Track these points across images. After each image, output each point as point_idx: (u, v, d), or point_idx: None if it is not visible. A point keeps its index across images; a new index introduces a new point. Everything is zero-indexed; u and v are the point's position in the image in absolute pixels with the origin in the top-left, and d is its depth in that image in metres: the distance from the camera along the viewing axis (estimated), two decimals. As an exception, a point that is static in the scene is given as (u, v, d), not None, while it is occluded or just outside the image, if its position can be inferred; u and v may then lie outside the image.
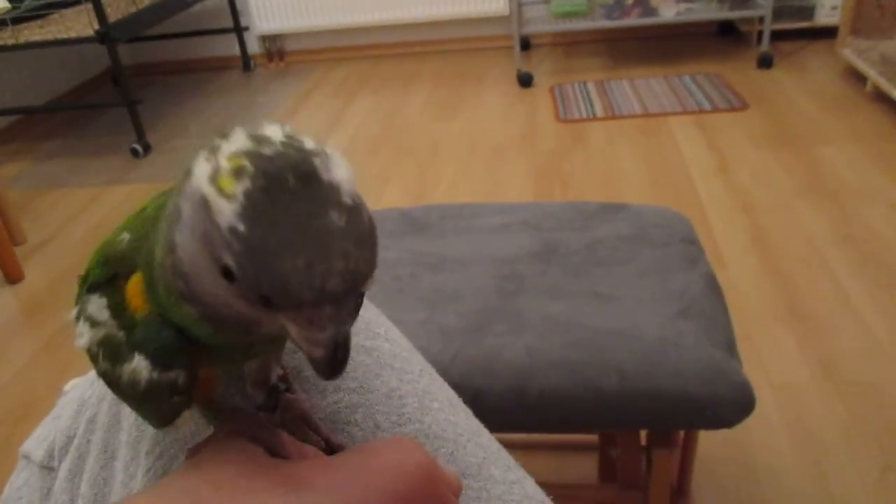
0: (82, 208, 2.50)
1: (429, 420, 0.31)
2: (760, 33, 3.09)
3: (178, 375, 0.26)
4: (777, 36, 3.13)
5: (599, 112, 2.76)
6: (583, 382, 0.81)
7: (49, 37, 2.73)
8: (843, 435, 1.30)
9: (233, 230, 0.23)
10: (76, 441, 0.34)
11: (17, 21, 2.81)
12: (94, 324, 0.28)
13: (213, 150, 0.25)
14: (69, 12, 2.99)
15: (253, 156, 0.24)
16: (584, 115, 2.74)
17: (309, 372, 0.32)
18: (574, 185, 2.27)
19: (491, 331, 0.88)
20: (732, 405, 0.81)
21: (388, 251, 1.06)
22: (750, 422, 1.33)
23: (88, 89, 3.78)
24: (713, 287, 0.95)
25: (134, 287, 0.27)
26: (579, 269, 0.98)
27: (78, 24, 2.79)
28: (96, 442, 0.33)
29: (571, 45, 3.64)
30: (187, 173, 0.25)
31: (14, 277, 2.06)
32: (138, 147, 2.82)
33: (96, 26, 2.63)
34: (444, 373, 0.83)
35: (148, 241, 0.27)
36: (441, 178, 2.39)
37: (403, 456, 0.25)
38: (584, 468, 1.20)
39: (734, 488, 1.22)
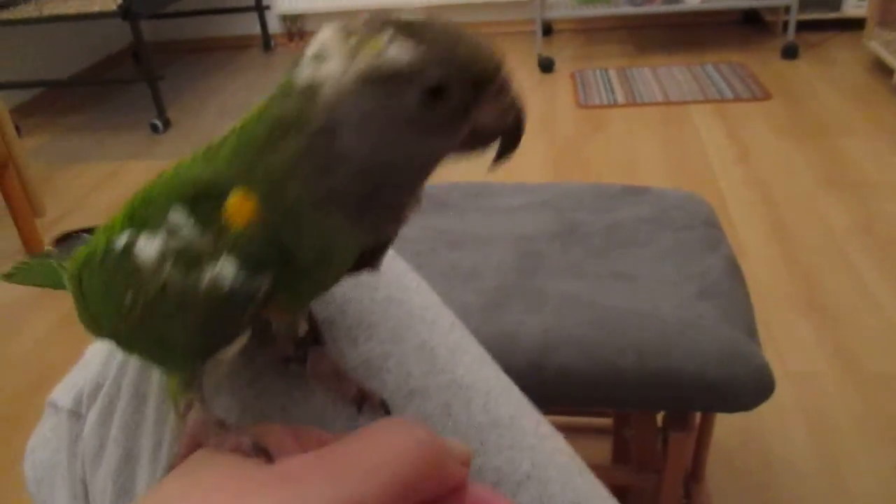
0: (102, 182, 2.52)
1: (461, 371, 0.31)
2: (786, 23, 3.05)
3: (262, 284, 0.26)
4: (802, 26, 3.09)
5: (620, 99, 2.74)
6: (601, 361, 0.81)
7: (72, 11, 2.74)
8: (858, 425, 1.29)
9: (417, 59, 0.24)
10: (106, 386, 0.35)
11: (41, -6, 2.83)
12: (171, 233, 0.27)
13: (316, 59, 0.26)
14: (93, -13, 3.00)
15: (362, 27, 0.26)
16: (605, 102, 2.73)
17: (342, 322, 0.32)
18: (593, 171, 2.25)
19: (509, 309, 0.88)
20: (751, 388, 0.81)
21: (407, 228, 1.06)
22: (765, 410, 1.33)
23: (110, 65, 3.79)
24: (734, 270, 0.94)
25: (237, 204, 0.26)
26: (599, 250, 0.97)
27: (101, -2, 2.80)
28: (127, 385, 0.34)
29: (593, 31, 3.61)
30: (306, 93, 0.25)
31: (34, 249, 2.08)
32: (158, 123, 2.84)
33: (119, 1, 2.63)
34: (463, 347, 0.83)
35: (261, 160, 0.27)
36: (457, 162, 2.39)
37: (403, 436, 0.24)
38: (598, 450, 1.20)
39: (748, 475, 1.22)
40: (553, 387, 0.82)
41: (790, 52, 3.01)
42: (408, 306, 0.34)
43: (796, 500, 1.17)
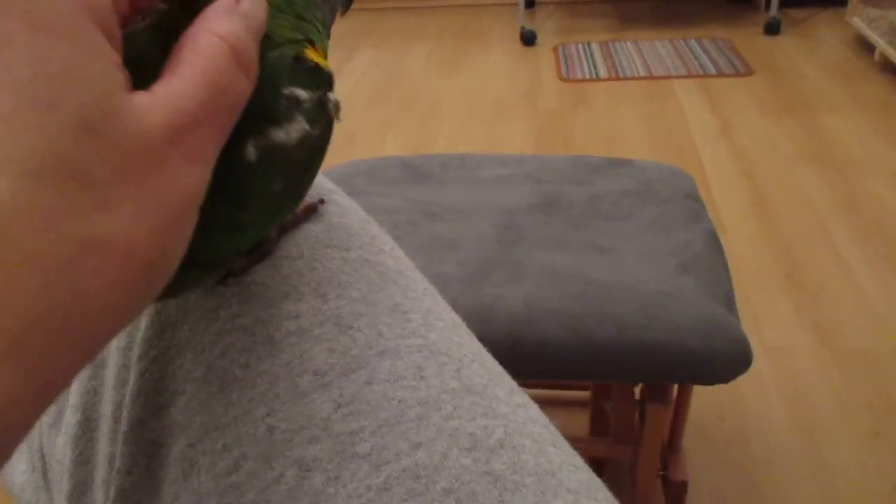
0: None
1: (433, 336, 0.30)
2: (769, -1, 3.04)
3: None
4: (786, 2, 3.08)
5: (603, 73, 2.72)
6: (581, 333, 0.80)
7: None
8: (835, 400, 1.30)
9: None
10: None
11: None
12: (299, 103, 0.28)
13: None
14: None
15: None
16: (588, 76, 2.71)
17: (310, 277, 0.31)
18: (575, 144, 2.24)
19: (489, 280, 0.87)
20: (729, 360, 0.81)
21: (387, 198, 1.04)
22: (743, 383, 1.34)
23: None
24: (714, 243, 0.94)
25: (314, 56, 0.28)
26: (580, 222, 0.96)
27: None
28: None
29: (577, 4, 3.58)
30: None
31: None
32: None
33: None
34: (441, 319, 0.82)
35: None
36: (441, 134, 2.37)
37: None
38: (576, 423, 1.20)
39: (725, 448, 1.22)
40: (532, 358, 0.82)
41: (773, 28, 3.01)
42: (381, 268, 0.33)
43: (772, 472, 1.18)
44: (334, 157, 2.21)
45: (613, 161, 1.11)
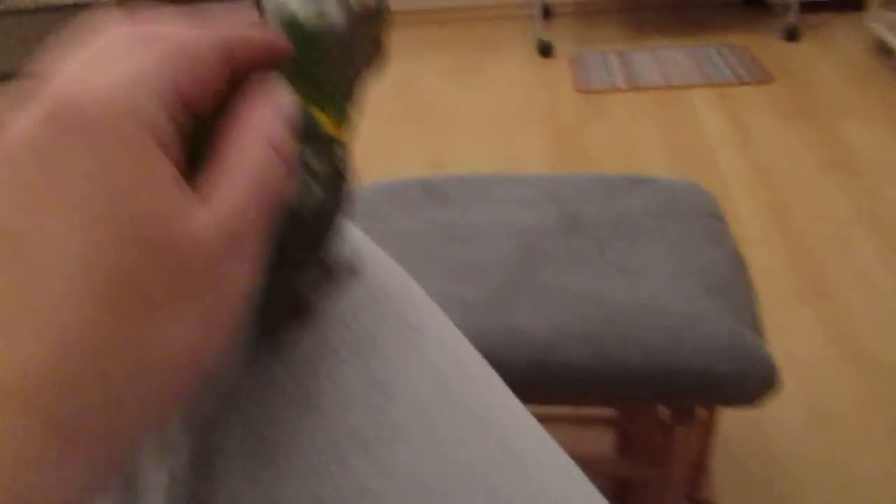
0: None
1: (475, 402, 0.30)
2: (787, 4, 3.02)
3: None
4: (803, 7, 3.06)
5: (621, 83, 2.72)
6: (606, 358, 0.80)
7: (69, 1, 2.71)
8: (861, 413, 1.29)
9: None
10: None
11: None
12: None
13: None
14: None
15: None
16: (605, 86, 2.71)
17: (346, 336, 0.32)
18: (594, 156, 2.24)
19: (514, 304, 0.87)
20: (756, 383, 0.80)
21: (408, 221, 1.05)
22: (769, 399, 1.32)
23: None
24: (738, 263, 0.94)
25: (324, 121, 0.30)
26: (603, 243, 0.96)
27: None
28: None
29: (593, 14, 3.58)
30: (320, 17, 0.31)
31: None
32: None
33: (114, -12, 2.61)
34: (467, 345, 0.83)
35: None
36: (459, 147, 2.37)
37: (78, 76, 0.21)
38: (603, 442, 1.20)
39: (753, 466, 1.22)
40: (558, 382, 0.82)
41: (791, 34, 2.99)
42: (420, 331, 0.33)
43: (799, 488, 1.18)
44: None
45: (634, 179, 1.11)
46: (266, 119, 0.24)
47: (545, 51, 3.08)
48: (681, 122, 2.41)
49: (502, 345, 0.84)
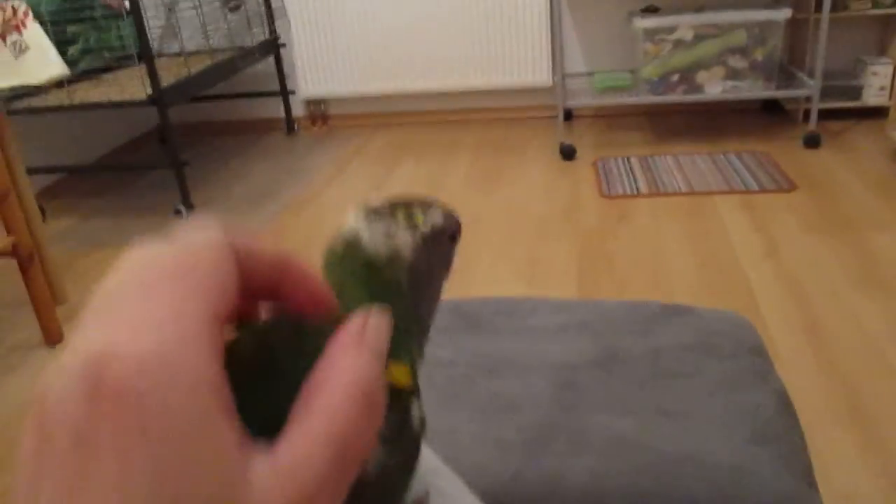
0: (124, 269, 2.51)
1: None
2: (807, 111, 3.06)
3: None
4: (824, 115, 3.10)
5: (644, 188, 2.73)
6: (651, 513, 0.76)
7: (103, 99, 2.80)
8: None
9: (446, 217, 0.36)
10: None
11: (72, 81, 2.89)
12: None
13: (387, 236, 0.33)
14: (123, 73, 3.07)
15: (396, 209, 0.34)
16: (628, 192, 2.72)
17: None
18: (619, 266, 2.22)
19: (551, 448, 0.83)
20: (813, 545, 0.75)
21: (441, 349, 1.03)
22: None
23: (137, 146, 3.86)
24: (787, 406, 0.90)
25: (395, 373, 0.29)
26: (643, 380, 0.93)
27: (131, 85, 2.85)
28: None
29: (614, 117, 3.65)
30: (391, 262, 0.32)
31: (53, 339, 2.06)
32: (182, 208, 2.85)
33: (149, 90, 2.69)
34: (505, 495, 0.79)
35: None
36: (482, 254, 2.37)
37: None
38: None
39: None
40: (599, 537, 0.77)
41: (813, 142, 3.01)
42: None
43: None
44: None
45: (671, 308, 1.08)
46: (356, 363, 0.22)
47: (567, 154, 3.12)
48: (705, 229, 2.40)
49: (539, 492, 0.80)
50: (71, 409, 0.18)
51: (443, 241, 0.34)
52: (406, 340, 0.28)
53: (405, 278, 0.31)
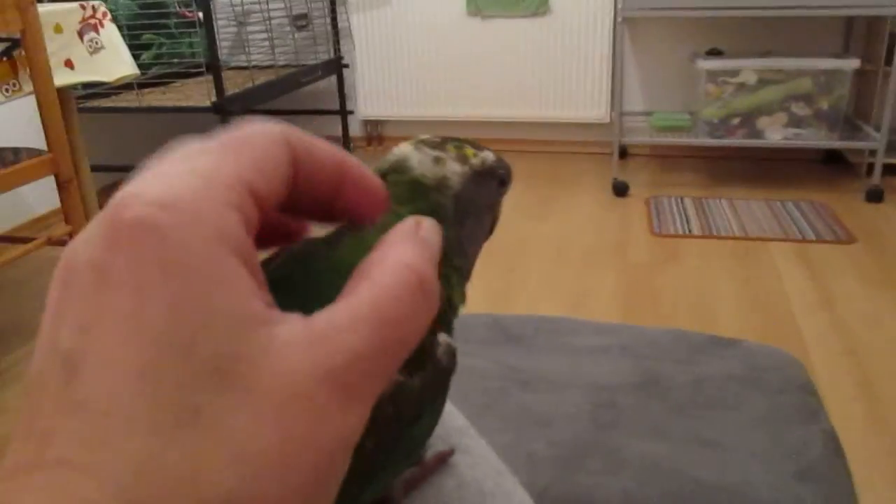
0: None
1: None
2: (871, 165, 2.98)
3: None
4: (888, 170, 3.01)
5: (696, 230, 2.68)
6: (684, 542, 0.72)
7: (169, 103, 2.88)
8: None
9: (497, 160, 0.34)
10: None
11: (142, 85, 2.99)
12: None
13: (436, 162, 0.33)
14: (191, 82, 3.16)
15: (445, 142, 0.34)
16: (680, 231, 2.67)
17: None
18: (665, 303, 2.18)
19: (584, 466, 0.80)
20: None
21: (476, 359, 1.01)
22: None
23: (196, 154, 3.95)
24: (835, 447, 0.86)
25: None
26: (684, 408, 0.90)
27: (197, 93, 2.94)
28: None
29: (669, 158, 3.61)
30: (439, 187, 0.32)
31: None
32: (234, 215, 2.90)
33: (214, 98, 2.76)
34: (531, 508, 0.76)
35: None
36: (527, 281, 2.35)
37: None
38: None
39: None
40: (627, 563, 0.74)
41: (875, 196, 2.93)
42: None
43: None
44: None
45: (718, 340, 1.05)
46: (407, 245, 0.21)
47: (620, 191, 3.09)
48: (757, 275, 2.34)
49: (568, 511, 0.77)
50: (92, 245, 0.18)
51: (491, 181, 0.33)
52: (448, 269, 0.28)
53: (451, 205, 0.30)
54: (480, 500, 0.29)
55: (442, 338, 0.27)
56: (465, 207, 0.31)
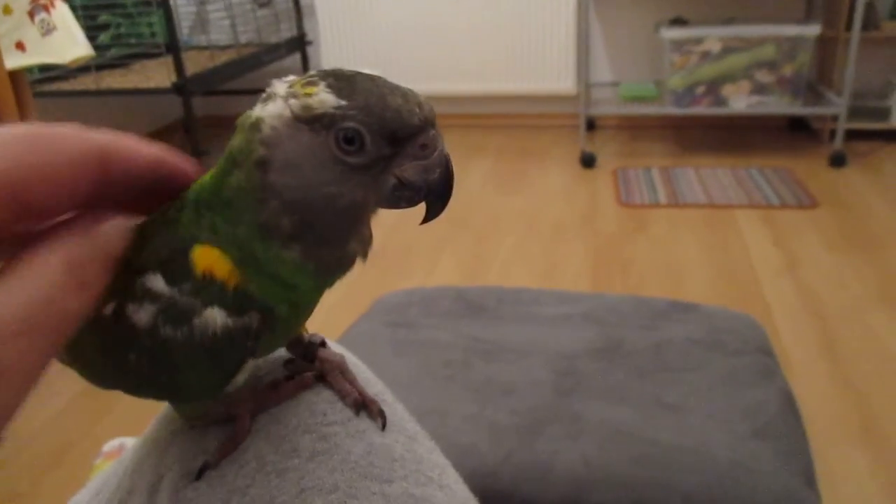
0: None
1: None
2: (833, 131, 3.01)
3: (251, 319, 0.28)
4: (850, 135, 3.05)
5: (663, 199, 2.70)
6: (643, 503, 0.74)
7: (129, 85, 2.82)
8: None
9: (340, 106, 0.27)
10: None
11: (100, 68, 2.92)
12: (153, 298, 0.28)
13: (264, 100, 0.29)
14: (151, 63, 3.10)
15: (307, 78, 0.29)
16: (647, 201, 2.69)
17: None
18: (634, 272, 2.20)
19: (545, 433, 0.81)
20: (811, 545, 0.73)
21: (440, 332, 1.01)
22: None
23: (161, 136, 3.88)
24: (791, 405, 0.87)
25: (205, 256, 0.28)
26: (644, 372, 0.91)
27: (158, 74, 2.88)
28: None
29: (637, 128, 3.62)
30: (252, 127, 0.28)
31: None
32: (200, 197, 2.86)
33: (174, 79, 2.71)
34: (493, 476, 0.77)
35: (216, 219, 0.29)
36: (497, 254, 2.35)
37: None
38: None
39: None
40: (589, 526, 0.75)
41: (838, 161, 2.97)
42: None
43: None
44: (388, 274, 2.16)
45: (678, 305, 1.06)
46: (68, 239, 0.23)
47: (588, 162, 3.09)
48: (723, 241, 2.36)
49: (534, 478, 0.78)
50: None
51: (323, 132, 0.27)
52: (245, 228, 0.28)
53: (259, 151, 0.28)
54: (389, 466, 0.29)
55: (215, 310, 0.28)
56: (285, 157, 0.27)
